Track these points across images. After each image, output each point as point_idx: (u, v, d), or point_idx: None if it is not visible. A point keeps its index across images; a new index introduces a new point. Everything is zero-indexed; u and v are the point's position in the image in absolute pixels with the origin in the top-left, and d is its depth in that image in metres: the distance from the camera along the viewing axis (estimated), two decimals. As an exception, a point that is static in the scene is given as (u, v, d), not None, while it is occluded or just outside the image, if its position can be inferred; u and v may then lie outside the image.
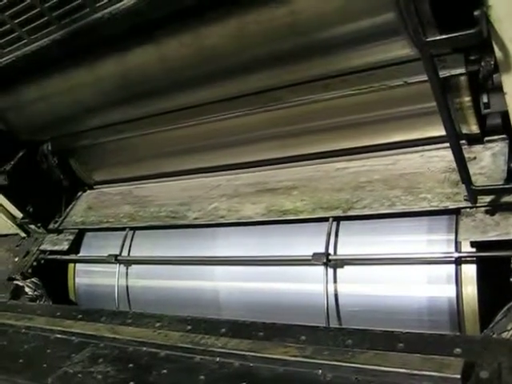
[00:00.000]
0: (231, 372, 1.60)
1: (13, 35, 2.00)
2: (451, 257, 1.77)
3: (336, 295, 2.00)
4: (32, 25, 1.93)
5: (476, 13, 1.31)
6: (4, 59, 2.14)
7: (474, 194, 1.68)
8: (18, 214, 3.11)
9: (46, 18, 1.88)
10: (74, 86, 2.38)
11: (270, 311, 2.14)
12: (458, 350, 1.36)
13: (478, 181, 1.75)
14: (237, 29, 1.84)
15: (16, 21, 1.92)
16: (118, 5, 1.76)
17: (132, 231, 2.73)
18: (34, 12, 1.87)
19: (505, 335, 1.46)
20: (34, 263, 2.99)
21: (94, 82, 2.31)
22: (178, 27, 1.94)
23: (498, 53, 1.44)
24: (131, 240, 2.71)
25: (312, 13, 1.71)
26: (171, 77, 2.15)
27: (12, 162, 2.91)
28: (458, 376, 1.26)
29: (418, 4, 1.35)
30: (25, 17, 1.90)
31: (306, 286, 2.09)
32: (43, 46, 1.99)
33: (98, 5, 1.78)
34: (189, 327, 1.88)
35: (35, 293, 2.85)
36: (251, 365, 1.59)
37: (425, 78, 1.48)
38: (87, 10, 1.81)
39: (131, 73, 2.19)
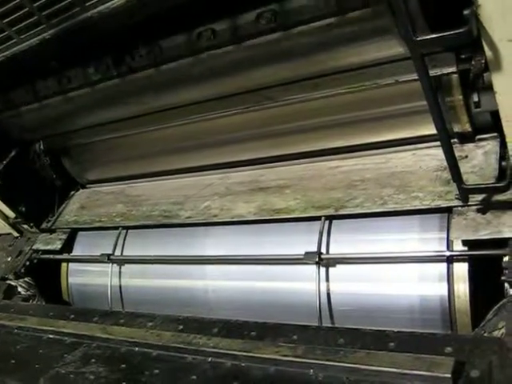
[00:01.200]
0: (223, 372, 1.59)
1: (2, 35, 1.98)
2: (443, 255, 1.78)
3: (328, 294, 2.00)
4: (21, 24, 1.91)
5: (466, 12, 1.30)
6: (-6, 58, 2.13)
7: (465, 192, 1.68)
8: (11, 214, 3.09)
9: (35, 18, 1.87)
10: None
11: (262, 310, 2.14)
12: (448, 349, 1.37)
13: (470, 179, 1.75)
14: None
15: (5, 20, 1.91)
16: (108, 4, 1.74)
17: (125, 230, 2.72)
18: (23, 11, 1.86)
19: (496, 334, 1.46)
20: (27, 263, 2.98)
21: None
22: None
23: (487, 52, 1.43)
24: (124, 239, 2.71)
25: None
26: (164, 75, 2.14)
27: (4, 162, 2.90)
28: (449, 375, 1.26)
29: (408, 3, 1.35)
30: (14, 16, 1.89)
31: (298, 284, 2.09)
32: (33, 45, 1.98)
33: (87, 4, 1.77)
34: (181, 327, 1.87)
35: (28, 292, 2.84)
36: (243, 365, 1.59)
37: (416, 76, 1.47)
38: (77, 9, 1.80)
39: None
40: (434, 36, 1.34)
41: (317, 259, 1.97)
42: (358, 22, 1.69)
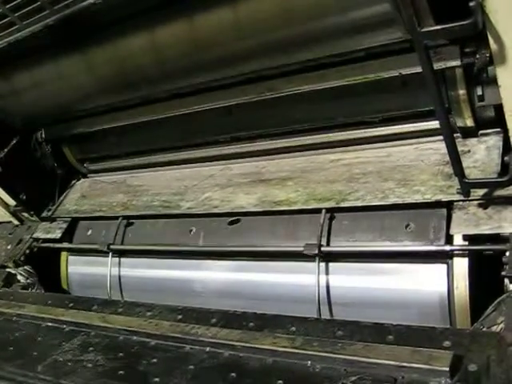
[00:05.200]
0: (220, 362, 1.59)
1: (5, 20, 1.98)
2: (443, 250, 1.77)
3: (328, 287, 2.00)
4: (24, 10, 1.91)
5: (471, 3, 1.29)
6: (-4, 45, 2.12)
7: (466, 187, 1.67)
8: (11, 202, 3.09)
9: (38, 3, 1.86)
10: (67, 73, 2.36)
11: (261, 302, 2.14)
12: (447, 343, 1.37)
13: (472, 174, 1.75)
14: (231, 16, 1.83)
15: (8, 6, 1.90)
16: (112, -9, 1.74)
17: (125, 220, 2.72)
18: (26, -3, 1.85)
19: (494, 328, 1.46)
20: (27, 251, 2.98)
21: (87, 68, 2.29)
22: (172, 14, 1.92)
23: (492, 45, 1.42)
24: (124, 229, 2.71)
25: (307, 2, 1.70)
26: (165, 64, 2.13)
27: (5, 150, 2.90)
28: (447, 369, 1.26)
29: (413, -6, 1.34)
30: (17, 2, 1.88)
31: (298, 277, 2.09)
32: (36, 31, 1.97)
33: (91, -10, 1.77)
34: (179, 317, 1.88)
35: (27, 281, 2.84)
36: (241, 355, 1.59)
37: (420, 69, 1.47)
38: (80, -4, 1.80)
39: (124, 60, 2.17)
40: (438, 27, 1.33)
41: (316, 251, 1.96)
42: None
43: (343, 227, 2.04)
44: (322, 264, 2.00)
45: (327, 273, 2.01)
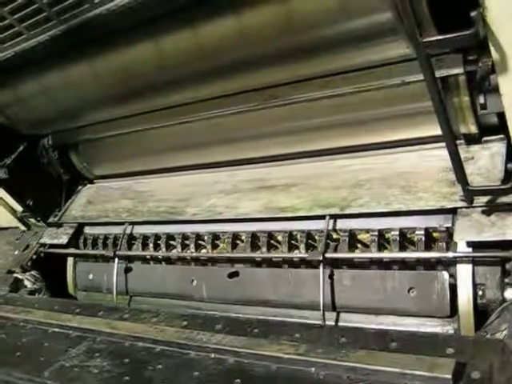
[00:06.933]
0: (225, 368, 1.60)
1: (12, 30, 2.01)
2: (446, 256, 1.77)
3: (332, 293, 2.00)
4: (31, 20, 1.94)
5: (473, 14, 1.30)
6: (4, 54, 2.15)
7: (469, 194, 1.67)
8: (19, 208, 3.13)
9: (45, 14, 1.89)
10: (73, 81, 2.38)
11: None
12: (450, 350, 1.36)
13: (475, 181, 1.75)
14: (235, 26, 1.84)
15: (15, 16, 1.94)
16: (117, 1, 1.76)
17: (131, 226, 2.73)
18: (33, 7, 1.88)
19: (498, 336, 1.46)
20: (34, 256, 3.02)
21: (93, 77, 2.30)
22: (176, 24, 1.94)
23: (494, 54, 1.43)
24: (130, 235, 2.72)
25: (310, 11, 1.71)
26: (170, 73, 2.15)
27: (12, 156, 2.92)
28: (449, 376, 1.26)
29: (415, 4, 1.35)
30: (24, 12, 1.91)
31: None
32: (42, 41, 2.00)
33: (96, 1, 1.79)
34: (185, 323, 1.88)
35: (34, 286, 2.86)
36: (245, 361, 1.59)
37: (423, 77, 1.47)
38: (86, 6, 1.82)
39: (130, 68, 2.19)
40: (440, 37, 1.34)
41: (321, 258, 1.97)
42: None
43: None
44: (327, 270, 2.01)
45: (331, 279, 2.01)
